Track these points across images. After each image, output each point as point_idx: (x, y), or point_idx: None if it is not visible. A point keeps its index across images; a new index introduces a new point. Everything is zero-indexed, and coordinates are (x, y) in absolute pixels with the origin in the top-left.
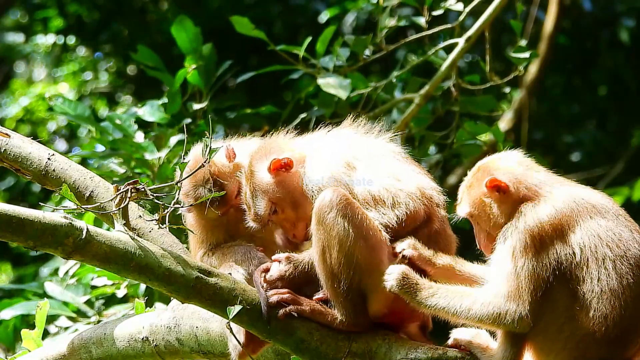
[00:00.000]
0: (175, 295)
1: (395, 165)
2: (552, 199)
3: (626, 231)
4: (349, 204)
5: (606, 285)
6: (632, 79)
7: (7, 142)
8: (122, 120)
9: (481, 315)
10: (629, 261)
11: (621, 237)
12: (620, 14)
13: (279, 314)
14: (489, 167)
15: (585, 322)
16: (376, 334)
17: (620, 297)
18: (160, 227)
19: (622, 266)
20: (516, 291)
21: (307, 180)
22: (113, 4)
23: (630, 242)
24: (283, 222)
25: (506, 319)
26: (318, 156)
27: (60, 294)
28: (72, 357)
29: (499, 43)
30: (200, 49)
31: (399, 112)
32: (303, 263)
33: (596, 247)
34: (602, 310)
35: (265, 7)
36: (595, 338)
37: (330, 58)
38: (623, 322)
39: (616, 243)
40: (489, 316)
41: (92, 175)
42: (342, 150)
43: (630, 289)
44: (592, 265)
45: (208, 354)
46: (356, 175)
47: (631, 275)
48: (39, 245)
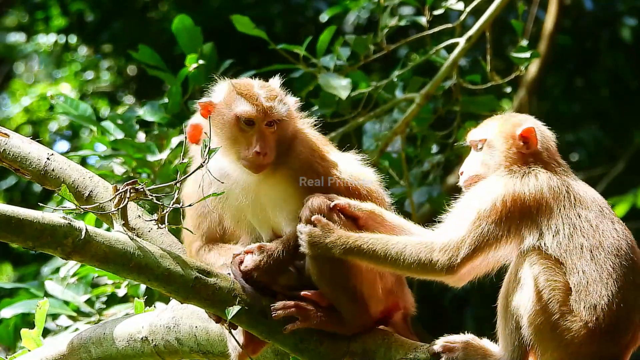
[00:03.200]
0: (174, 295)
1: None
2: (546, 175)
3: (607, 223)
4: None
5: (590, 275)
6: (632, 79)
7: (6, 142)
8: (124, 120)
9: (411, 262)
10: (606, 251)
11: (597, 228)
12: (621, 13)
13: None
14: (531, 119)
15: (578, 315)
16: (375, 334)
17: (605, 286)
18: (160, 227)
19: (600, 256)
20: (458, 244)
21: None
22: (114, 3)
23: (609, 232)
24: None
25: (436, 267)
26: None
27: (60, 293)
28: (71, 356)
29: (501, 42)
30: (201, 48)
31: (400, 112)
32: (277, 251)
33: (571, 235)
34: (591, 301)
35: (265, 6)
36: (588, 330)
37: (331, 57)
38: (612, 312)
39: (592, 233)
40: (418, 263)
41: (92, 175)
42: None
43: (612, 279)
44: (573, 254)
45: (207, 353)
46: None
47: (611, 264)
48: (38, 246)
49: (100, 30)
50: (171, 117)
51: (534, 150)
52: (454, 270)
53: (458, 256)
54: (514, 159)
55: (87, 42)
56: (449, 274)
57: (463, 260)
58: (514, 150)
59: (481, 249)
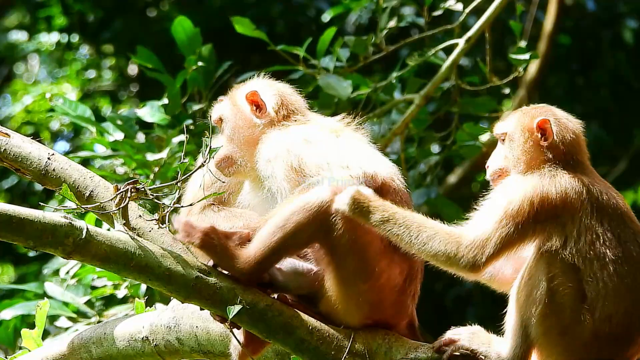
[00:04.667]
0: (175, 295)
1: (359, 152)
2: (572, 178)
3: (628, 232)
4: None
5: (610, 285)
6: (634, 79)
7: (7, 142)
8: (124, 120)
9: (437, 251)
10: (628, 263)
11: (620, 238)
12: (623, 15)
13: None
14: (550, 110)
15: (590, 324)
16: (376, 333)
17: (624, 299)
18: (160, 227)
19: (621, 269)
20: (484, 242)
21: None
22: (115, 2)
23: (631, 243)
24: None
25: (460, 262)
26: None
27: (60, 294)
28: (72, 356)
29: (502, 43)
30: (199, 49)
31: (399, 113)
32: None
33: (593, 243)
34: (607, 312)
35: (267, 6)
36: (599, 339)
37: (330, 58)
38: (626, 323)
39: (614, 244)
40: (444, 254)
41: (92, 175)
42: (306, 128)
43: (630, 290)
44: (594, 263)
45: (208, 353)
46: (312, 150)
47: (632, 277)
48: (38, 245)
49: (101, 30)
50: (171, 118)
51: (551, 143)
52: (478, 268)
53: (484, 255)
54: (532, 152)
55: (88, 41)
56: (472, 271)
57: (488, 258)
58: (531, 143)
59: (506, 248)
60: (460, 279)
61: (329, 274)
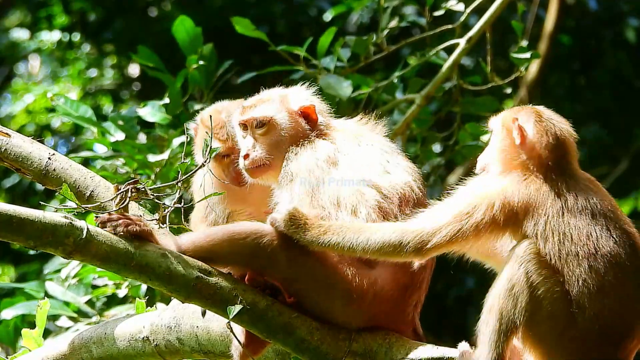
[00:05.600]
0: (175, 294)
1: (377, 164)
2: (543, 183)
3: (601, 229)
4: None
5: (589, 284)
6: (635, 78)
7: (7, 142)
8: (125, 120)
9: (382, 243)
10: (605, 258)
11: (590, 235)
12: (625, 14)
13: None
14: (536, 111)
15: (582, 324)
16: (376, 333)
17: (607, 295)
18: (161, 227)
19: (598, 264)
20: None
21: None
22: (116, 2)
23: (605, 240)
24: (256, 138)
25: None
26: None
27: (61, 294)
28: (72, 356)
29: (505, 43)
30: (200, 49)
31: (400, 113)
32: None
33: (562, 243)
34: (593, 310)
35: (268, 6)
36: (591, 339)
37: (331, 58)
38: (615, 321)
39: (584, 241)
40: (389, 244)
41: (93, 175)
42: (330, 145)
43: (614, 287)
44: (570, 263)
45: (208, 353)
46: (333, 172)
47: (612, 272)
48: (39, 245)
49: (102, 29)
50: (172, 118)
51: (526, 145)
52: (422, 253)
53: (430, 242)
54: (508, 151)
55: (89, 41)
56: (416, 255)
57: (435, 246)
58: (507, 142)
59: (457, 242)
60: (460, 279)
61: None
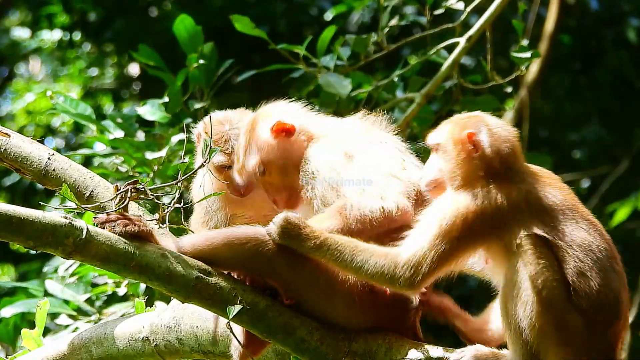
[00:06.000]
0: (175, 295)
1: (394, 160)
2: (509, 189)
3: (570, 224)
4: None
5: (580, 270)
6: (636, 78)
7: (7, 142)
8: (124, 119)
9: (374, 272)
10: (580, 247)
11: (565, 231)
12: (626, 14)
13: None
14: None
15: (575, 313)
16: (377, 333)
17: (591, 279)
18: (160, 227)
19: (576, 252)
20: (420, 260)
21: (309, 160)
22: (117, 1)
23: (576, 232)
24: (267, 185)
25: (399, 283)
26: (324, 142)
27: (60, 292)
28: (72, 356)
29: (505, 42)
30: (201, 47)
31: (401, 112)
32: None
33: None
34: (582, 294)
35: (269, 5)
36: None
37: (331, 57)
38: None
39: (570, 237)
40: (382, 276)
41: (92, 175)
42: (345, 139)
43: (595, 271)
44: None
45: (208, 353)
46: (351, 167)
47: (590, 258)
48: (39, 245)
49: (103, 28)
50: (171, 116)
51: (483, 156)
52: (415, 286)
53: (420, 273)
54: (465, 165)
55: (90, 40)
56: (410, 289)
57: (425, 277)
58: (463, 156)
59: (443, 265)
60: (462, 279)
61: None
